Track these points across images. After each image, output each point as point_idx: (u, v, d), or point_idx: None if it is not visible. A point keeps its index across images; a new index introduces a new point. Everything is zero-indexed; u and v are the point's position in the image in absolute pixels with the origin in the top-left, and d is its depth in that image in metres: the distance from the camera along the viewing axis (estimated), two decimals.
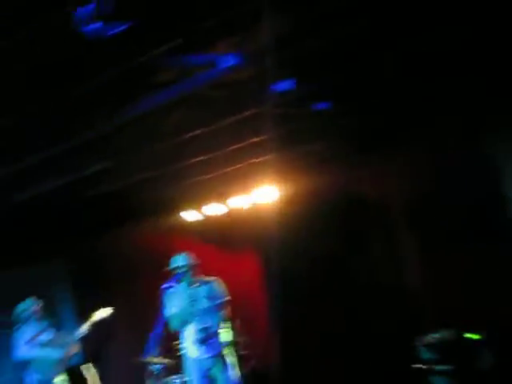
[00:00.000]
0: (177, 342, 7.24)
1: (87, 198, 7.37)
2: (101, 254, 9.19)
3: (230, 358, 6.24)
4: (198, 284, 6.25)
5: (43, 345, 6.91)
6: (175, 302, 6.18)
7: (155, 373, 7.31)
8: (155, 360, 7.09)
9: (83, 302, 9.20)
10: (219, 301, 6.18)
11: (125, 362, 8.67)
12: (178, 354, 7.22)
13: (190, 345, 6.26)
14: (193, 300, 6.12)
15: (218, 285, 6.28)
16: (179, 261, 6.22)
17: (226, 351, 6.22)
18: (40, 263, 9.68)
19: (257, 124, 5.59)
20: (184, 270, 6.17)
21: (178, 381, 6.99)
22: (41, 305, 7.12)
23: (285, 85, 4.94)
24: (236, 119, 5.45)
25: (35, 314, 7.01)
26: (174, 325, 6.28)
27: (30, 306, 7.02)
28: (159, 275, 8.29)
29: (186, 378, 6.80)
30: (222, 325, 6.19)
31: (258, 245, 7.68)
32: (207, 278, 6.34)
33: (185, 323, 6.22)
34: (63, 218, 8.23)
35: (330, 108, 5.56)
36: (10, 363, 6.58)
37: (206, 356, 6.14)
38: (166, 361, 6.22)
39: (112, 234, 8.87)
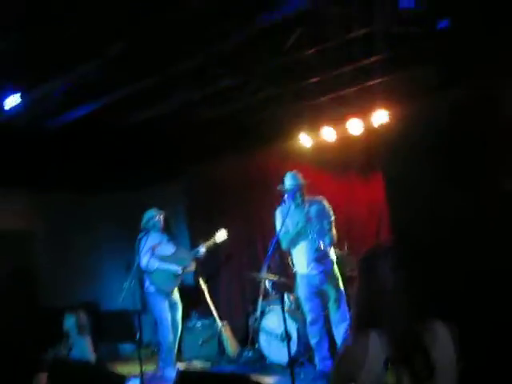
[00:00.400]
0: (288, 260, 7.53)
1: (206, 119, 7.57)
2: (217, 176, 9.45)
3: (338, 277, 6.37)
4: (308, 203, 6.31)
5: (162, 257, 7.32)
6: (287, 220, 6.26)
7: (267, 290, 7.66)
8: (267, 277, 7.39)
9: (199, 225, 9.68)
10: (329, 220, 6.23)
11: (237, 280, 9.12)
12: (290, 271, 7.53)
13: (301, 262, 6.40)
14: (304, 219, 6.21)
15: (327, 204, 6.34)
16: (290, 180, 6.27)
17: (335, 270, 6.36)
18: (159, 184, 10.23)
19: (374, 44, 5.55)
20: (295, 188, 6.21)
21: (288, 298, 7.25)
22: (163, 215, 7.50)
23: (404, 2, 4.85)
24: (355, 37, 5.41)
25: (159, 224, 7.41)
26: (285, 243, 6.42)
27: (154, 215, 7.39)
28: (272, 196, 8.60)
29: (297, 295, 7.09)
30: (331, 244, 6.29)
31: (371, 170, 7.64)
32: (317, 198, 6.39)
33: (296, 242, 6.36)
34: (182, 140, 8.57)
35: (449, 29, 5.37)
36: (133, 269, 6.97)
37: (316, 272, 6.28)
38: (277, 278, 6.37)
39: (228, 157, 9.12)
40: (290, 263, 7.38)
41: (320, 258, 6.25)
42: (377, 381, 2.36)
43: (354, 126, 7.26)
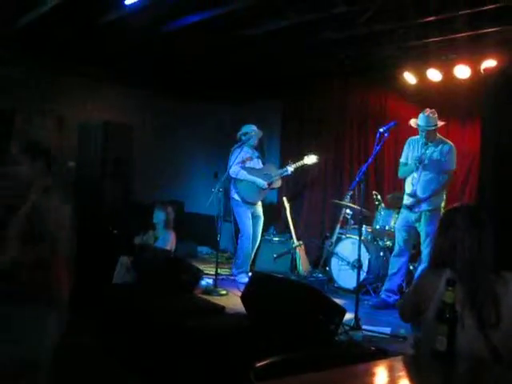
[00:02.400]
0: (373, 193, 7.66)
1: (313, 44, 7.59)
2: (315, 102, 9.53)
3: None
4: (438, 143, 6.34)
5: (251, 170, 7.61)
6: (409, 153, 6.42)
7: (346, 218, 7.84)
8: (348, 205, 7.56)
9: (290, 146, 9.88)
10: (448, 166, 6.29)
11: (319, 204, 9.34)
12: (372, 204, 7.66)
13: (407, 194, 6.47)
14: (426, 154, 6.24)
15: (455, 151, 6.34)
16: (426, 119, 6.23)
17: (434, 213, 6.31)
18: (259, 102, 10.43)
19: None
20: (430, 128, 6.23)
21: (365, 229, 7.43)
22: (260, 134, 7.72)
23: None
24: None
25: (254, 139, 7.65)
26: (401, 172, 6.58)
27: (253, 129, 7.64)
28: (367, 130, 8.64)
29: (380, 226, 7.30)
30: (442, 188, 6.39)
31: (470, 117, 7.54)
32: (448, 141, 6.42)
33: (410, 173, 6.42)
34: (287, 62, 8.65)
35: None
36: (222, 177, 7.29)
37: (417, 210, 6.35)
38: (358, 208, 6.49)
39: (329, 85, 9.16)
40: (374, 196, 7.53)
41: (426, 198, 6.31)
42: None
43: (461, 72, 7.15)
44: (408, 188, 6.45)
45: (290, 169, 7.68)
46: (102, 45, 8.20)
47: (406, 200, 6.46)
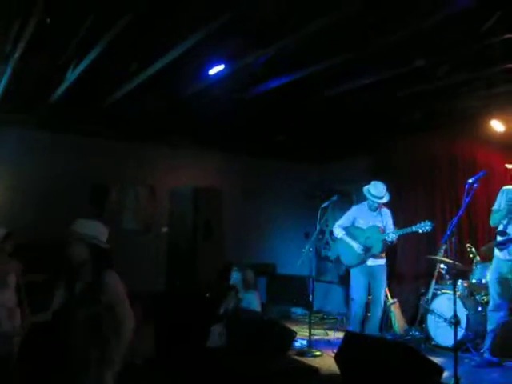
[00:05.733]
0: (466, 246, 7.42)
1: (397, 97, 7.61)
2: (401, 155, 9.46)
3: None
4: None
5: (352, 235, 7.37)
6: (502, 199, 6.25)
7: (441, 273, 7.62)
8: (442, 260, 7.35)
9: None
10: None
11: (413, 260, 9.12)
12: (467, 257, 7.41)
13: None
14: None
15: None
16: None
17: None
18: (344, 160, 10.48)
19: None
20: None
21: (462, 283, 7.19)
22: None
23: None
24: None
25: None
26: (493, 220, 6.34)
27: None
28: (457, 179, 8.45)
29: (477, 280, 7.00)
30: None
31: None
32: None
33: (503, 219, 6.22)
34: (370, 117, 8.68)
35: None
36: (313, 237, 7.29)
37: (510, 258, 6.13)
38: (452, 262, 6.30)
39: (415, 137, 9.09)
40: (468, 249, 7.30)
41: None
42: None
43: None
44: (499, 227, 6.25)
45: (393, 236, 7.14)
46: (189, 114, 8.57)
47: (498, 251, 6.24)
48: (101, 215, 9.31)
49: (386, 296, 7.92)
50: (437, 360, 4.81)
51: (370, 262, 7.25)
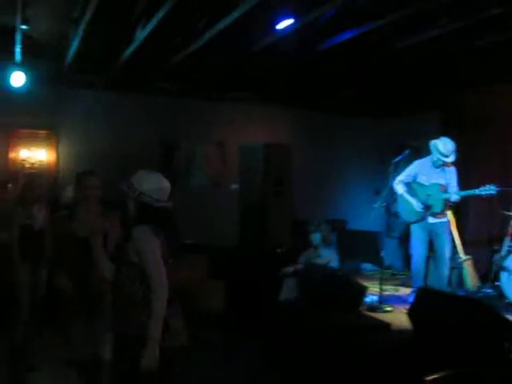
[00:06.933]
0: None
1: (473, 48, 7.33)
2: (476, 109, 9.17)
3: None
4: None
5: (413, 191, 7.19)
6: None
7: None
8: None
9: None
10: None
11: (486, 216, 8.90)
12: None
13: None
14: None
15: None
16: None
17: None
18: (416, 114, 10.23)
19: None
20: None
21: None
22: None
23: None
24: None
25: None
26: None
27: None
28: None
29: None
30: None
31: None
32: None
33: None
34: (443, 69, 8.41)
35: None
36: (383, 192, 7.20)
37: None
38: None
39: (487, 90, 8.77)
40: None
41: None
42: None
43: None
44: None
45: (456, 197, 6.99)
46: (258, 70, 8.53)
47: None
48: (170, 173, 9.50)
49: (457, 253, 7.79)
50: (510, 317, 4.74)
51: (431, 219, 7.09)
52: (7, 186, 7.11)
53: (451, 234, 7.29)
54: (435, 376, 2.28)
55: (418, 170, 7.24)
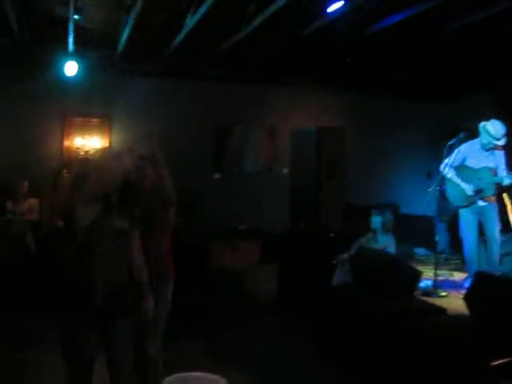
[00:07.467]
0: None
1: None
2: None
3: None
4: None
5: (463, 175, 7.00)
6: None
7: None
8: None
9: None
10: None
11: None
12: None
13: None
14: None
15: None
16: None
17: None
18: (467, 97, 10.02)
19: None
20: None
21: None
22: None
23: None
24: None
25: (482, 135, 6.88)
26: None
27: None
28: None
29: None
30: None
31: None
32: None
33: None
34: (493, 51, 8.22)
35: None
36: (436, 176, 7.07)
37: None
38: None
39: None
40: None
41: None
42: None
43: None
44: None
45: (508, 180, 6.71)
46: (309, 53, 8.48)
47: None
48: (222, 158, 9.57)
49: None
50: None
51: (481, 202, 6.91)
52: (63, 174, 7.26)
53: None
54: (503, 361, 2.24)
55: (467, 153, 7.04)
